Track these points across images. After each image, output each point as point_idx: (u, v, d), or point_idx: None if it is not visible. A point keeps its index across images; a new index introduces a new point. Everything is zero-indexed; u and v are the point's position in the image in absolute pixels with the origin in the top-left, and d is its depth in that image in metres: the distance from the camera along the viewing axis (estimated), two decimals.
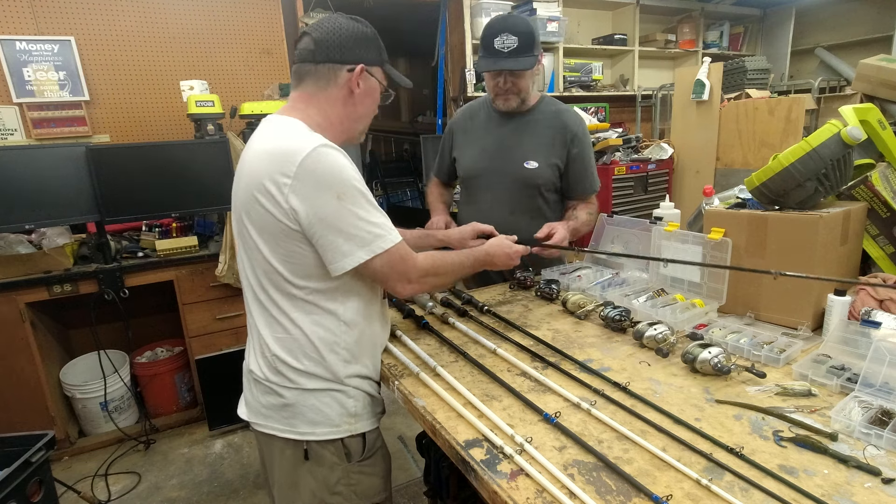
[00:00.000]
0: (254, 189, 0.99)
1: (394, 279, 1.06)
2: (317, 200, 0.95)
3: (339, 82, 1.07)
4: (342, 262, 0.99)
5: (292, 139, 0.98)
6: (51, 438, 1.82)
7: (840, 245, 1.34)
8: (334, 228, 0.97)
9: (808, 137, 1.30)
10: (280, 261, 1.02)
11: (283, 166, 0.95)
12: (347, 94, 1.08)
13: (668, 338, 1.22)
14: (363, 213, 0.99)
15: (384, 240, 1.01)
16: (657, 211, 1.83)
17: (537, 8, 3.71)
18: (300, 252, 1.00)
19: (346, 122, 1.11)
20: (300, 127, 1.02)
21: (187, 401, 2.92)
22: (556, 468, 0.82)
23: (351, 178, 0.98)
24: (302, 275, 1.03)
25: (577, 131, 1.73)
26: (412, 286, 1.10)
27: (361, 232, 0.98)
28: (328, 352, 1.07)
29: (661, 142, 3.92)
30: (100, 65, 2.86)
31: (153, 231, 2.72)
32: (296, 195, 0.95)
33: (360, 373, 1.13)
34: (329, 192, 0.95)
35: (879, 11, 4.56)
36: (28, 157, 2.29)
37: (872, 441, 0.87)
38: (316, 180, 0.95)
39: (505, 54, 1.55)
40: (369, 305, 1.14)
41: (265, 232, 1.01)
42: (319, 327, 1.06)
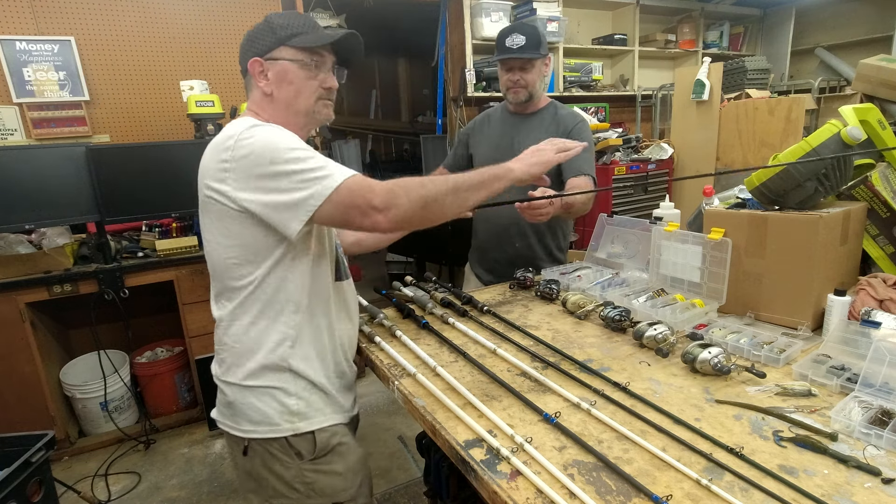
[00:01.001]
0: (203, 186, 1.02)
1: (357, 216, 0.96)
2: (252, 177, 0.95)
3: (252, 83, 1.10)
4: (291, 222, 0.96)
5: (229, 128, 1.01)
6: (51, 438, 1.81)
7: (840, 245, 1.34)
8: (275, 195, 0.95)
9: (808, 137, 1.30)
10: (229, 245, 1.02)
11: (220, 154, 0.97)
12: (264, 87, 1.09)
13: (668, 338, 1.22)
14: (298, 165, 0.95)
15: (327, 179, 0.94)
16: (657, 211, 1.83)
17: (537, 8, 3.71)
18: (247, 231, 1.00)
19: (285, 112, 1.10)
20: (245, 119, 1.03)
21: (187, 401, 2.92)
22: (556, 468, 0.82)
23: (282, 141, 0.96)
24: (248, 257, 1.02)
25: (570, 126, 1.90)
26: (385, 214, 0.96)
27: (300, 183, 0.94)
28: (266, 345, 1.06)
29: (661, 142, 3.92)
30: (100, 65, 2.86)
31: (153, 231, 2.72)
32: (235, 179, 0.96)
33: (303, 369, 1.10)
34: (262, 165, 0.94)
35: (879, 11, 4.56)
36: (28, 157, 2.29)
37: (872, 441, 0.87)
38: (248, 159, 0.95)
39: (514, 50, 1.80)
40: (315, 288, 1.10)
41: (217, 221, 1.02)
42: (261, 317, 1.06)
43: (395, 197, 0.96)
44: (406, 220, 0.99)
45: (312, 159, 0.96)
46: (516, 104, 1.93)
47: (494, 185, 1.09)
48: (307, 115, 1.12)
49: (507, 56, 1.82)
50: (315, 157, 0.97)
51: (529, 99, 1.90)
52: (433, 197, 1.01)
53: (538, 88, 1.91)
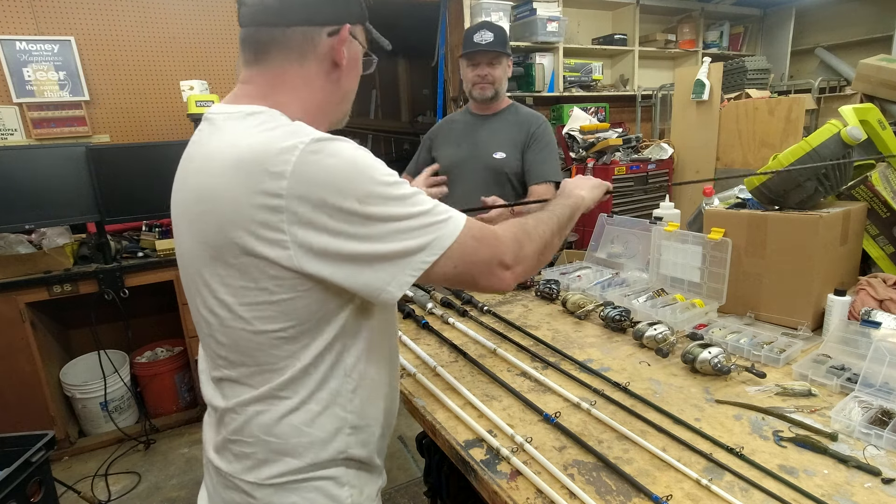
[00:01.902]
0: (219, 226, 0.66)
1: (484, 273, 0.74)
2: (331, 221, 0.64)
3: (320, 52, 0.76)
4: (390, 287, 0.68)
5: (270, 135, 0.66)
6: (51, 438, 1.81)
7: (840, 245, 1.34)
8: (368, 248, 0.66)
9: (808, 137, 1.30)
10: (270, 315, 0.70)
11: (263, 180, 0.62)
12: (330, 68, 0.78)
13: (668, 338, 1.22)
14: (403, 208, 0.67)
15: (446, 225, 0.70)
16: (657, 211, 1.83)
17: (537, 8, 3.71)
18: (303, 297, 0.69)
19: (329, 106, 0.81)
20: (277, 117, 0.71)
21: (187, 401, 2.92)
22: (556, 468, 0.82)
23: (370, 169, 0.66)
24: (301, 330, 0.72)
25: (537, 129, 1.95)
26: (515, 270, 0.76)
27: (409, 235, 0.67)
28: (319, 436, 0.76)
29: (661, 142, 3.92)
30: (100, 65, 2.86)
31: (153, 231, 2.72)
32: (298, 220, 0.63)
33: (359, 454, 0.81)
34: (347, 206, 0.64)
35: (879, 11, 4.56)
36: (28, 157, 2.29)
37: (872, 441, 0.87)
38: (322, 193, 0.63)
39: (483, 45, 1.84)
40: (380, 350, 0.82)
41: (248, 281, 0.68)
42: (310, 401, 0.75)
43: (521, 248, 0.78)
44: (528, 273, 0.80)
45: (419, 195, 0.70)
46: (482, 102, 1.96)
47: (576, 218, 0.98)
48: (339, 119, 0.87)
49: (476, 50, 1.84)
50: (418, 191, 0.71)
51: (495, 96, 1.94)
52: (548, 241, 0.85)
53: (503, 87, 1.96)
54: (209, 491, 0.87)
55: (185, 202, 0.74)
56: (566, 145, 3.73)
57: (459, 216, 0.72)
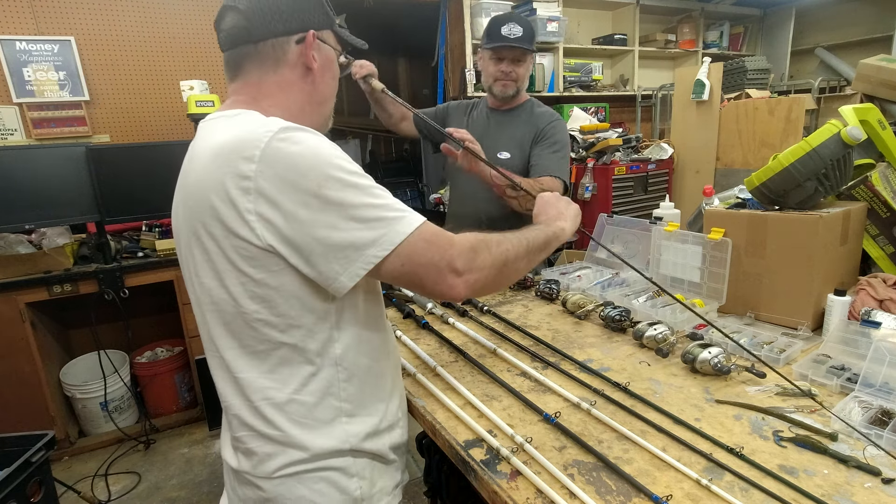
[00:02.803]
0: (205, 207, 0.71)
1: (432, 275, 0.73)
2: (290, 201, 0.68)
3: (290, 60, 0.82)
4: (342, 277, 0.71)
5: (245, 127, 0.72)
6: (51, 438, 1.82)
7: (840, 245, 1.34)
8: (322, 233, 0.69)
9: (808, 137, 1.30)
10: (251, 298, 0.74)
11: (237, 163, 0.68)
12: (303, 72, 0.84)
13: (668, 338, 1.22)
14: (361, 195, 0.70)
15: (399, 222, 0.71)
16: (657, 211, 1.83)
17: (537, 8, 3.71)
18: (276, 279, 0.72)
19: (309, 107, 0.87)
20: (255, 115, 0.77)
21: (187, 401, 2.92)
22: (556, 468, 0.82)
23: (331, 157, 0.70)
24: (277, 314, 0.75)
25: (547, 128, 1.84)
26: (465, 278, 0.75)
27: (362, 222, 0.69)
28: (316, 427, 0.79)
29: (661, 142, 3.92)
30: (100, 65, 2.86)
31: (153, 231, 2.72)
32: (263, 199, 0.68)
33: (368, 430, 0.83)
34: (305, 187, 0.67)
35: (879, 11, 4.56)
36: (28, 157, 2.29)
37: (872, 441, 0.87)
38: (285, 174, 0.67)
39: (512, 40, 1.71)
40: (374, 326, 0.85)
41: (229, 263, 0.72)
42: (302, 391, 0.78)
43: (476, 256, 0.77)
44: (484, 286, 0.80)
45: (378, 189, 0.72)
46: (502, 98, 1.85)
47: (552, 247, 0.97)
48: (322, 120, 0.91)
49: (504, 45, 1.71)
50: (380, 188, 0.73)
51: (516, 94, 1.85)
52: (512, 259, 0.83)
53: (525, 85, 1.87)
54: (229, 494, 0.90)
55: (181, 202, 0.80)
56: None
57: (415, 216, 0.73)
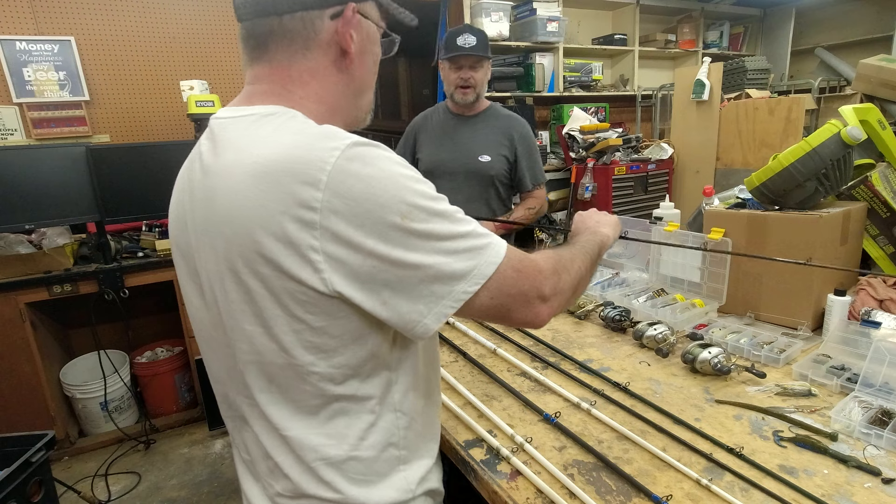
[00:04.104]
0: (246, 241, 0.58)
1: (521, 306, 0.65)
2: (367, 237, 0.55)
3: (323, 40, 0.66)
4: (426, 319, 0.60)
5: (298, 139, 0.58)
6: (51, 438, 1.81)
7: (840, 245, 1.34)
8: (406, 272, 0.57)
9: (808, 137, 1.30)
10: (306, 348, 0.61)
11: (296, 190, 0.54)
12: (338, 56, 0.68)
13: (668, 338, 1.22)
14: (445, 226, 0.59)
15: (487, 253, 0.61)
16: (657, 211, 1.83)
17: (537, 8, 3.71)
18: (341, 327, 0.61)
19: (346, 100, 0.71)
20: (298, 118, 0.63)
21: (187, 401, 2.91)
22: (556, 468, 0.82)
23: (410, 180, 0.59)
24: (343, 362, 0.63)
25: (522, 133, 2.01)
26: (550, 304, 0.67)
27: (450, 259, 0.59)
28: (376, 470, 0.69)
29: (661, 142, 3.92)
30: (100, 65, 2.86)
31: (153, 231, 2.72)
32: (332, 236, 0.55)
33: (423, 472, 0.74)
34: (386, 220, 0.56)
35: (879, 11, 4.56)
36: (28, 157, 2.29)
37: (872, 441, 0.87)
38: (361, 205, 0.55)
39: (467, 49, 1.85)
40: (431, 360, 0.76)
41: (280, 307, 0.59)
42: (364, 436, 0.67)
43: (559, 279, 0.69)
44: (562, 308, 0.71)
45: (459, 213, 0.62)
46: (464, 105, 1.96)
47: (602, 255, 0.89)
48: (362, 115, 0.76)
49: (460, 53, 1.85)
50: (457, 209, 0.63)
51: (476, 100, 1.96)
52: (584, 274, 0.76)
53: (484, 90, 1.99)
54: None
55: (203, 226, 0.64)
56: (566, 145, 3.73)
57: (499, 242, 0.64)
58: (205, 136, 0.68)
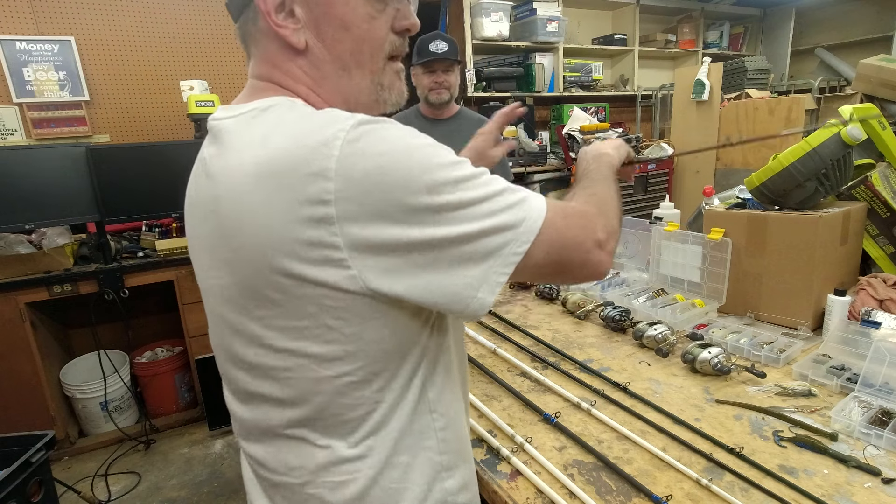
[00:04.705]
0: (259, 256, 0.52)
1: (580, 255, 0.59)
2: (394, 224, 0.50)
3: (261, 31, 0.60)
4: (479, 293, 0.54)
5: (299, 126, 0.52)
6: (51, 438, 1.81)
7: (840, 245, 1.34)
8: (448, 251, 0.52)
9: (808, 137, 1.30)
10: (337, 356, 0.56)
11: (303, 186, 0.48)
12: (290, 39, 0.59)
13: (668, 338, 1.22)
14: (476, 189, 0.53)
15: (529, 205, 0.56)
16: (657, 211, 1.83)
17: (537, 8, 3.71)
18: (376, 331, 0.55)
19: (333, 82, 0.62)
20: (298, 106, 0.57)
21: (187, 401, 2.92)
22: (556, 468, 0.82)
23: (427, 150, 0.52)
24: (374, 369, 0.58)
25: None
26: (608, 247, 0.62)
27: (492, 220, 0.53)
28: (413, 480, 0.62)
29: (661, 142, 3.92)
30: (100, 65, 2.86)
31: (153, 231, 2.72)
32: (354, 228, 0.49)
33: (462, 482, 0.68)
34: (411, 202, 0.50)
35: (879, 11, 4.56)
36: (28, 157, 2.29)
37: (872, 441, 0.87)
38: (379, 189, 0.49)
39: (439, 54, 1.97)
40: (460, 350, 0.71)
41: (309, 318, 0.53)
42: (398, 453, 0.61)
43: (608, 219, 0.64)
44: (615, 251, 0.65)
45: (482, 171, 0.56)
46: (438, 105, 2.07)
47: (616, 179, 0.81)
48: (372, 89, 0.65)
49: (432, 59, 1.97)
50: (485, 170, 0.56)
51: (449, 101, 2.08)
52: (619, 205, 0.71)
53: (455, 92, 2.10)
54: None
55: (211, 238, 0.58)
56: (566, 145, 3.73)
57: (534, 193, 0.58)
58: (206, 139, 0.63)
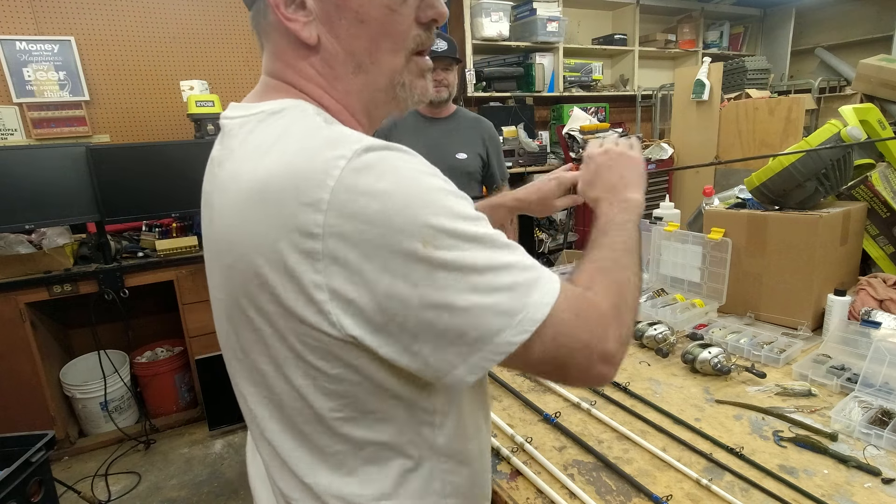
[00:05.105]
0: (247, 272, 0.48)
1: (580, 359, 0.50)
2: (381, 270, 0.44)
3: (271, 26, 0.56)
4: (458, 370, 0.48)
5: (300, 145, 0.47)
6: (51, 438, 1.81)
7: (840, 245, 1.34)
8: (431, 314, 0.45)
9: (807, 137, 1.30)
10: (326, 395, 0.51)
11: (295, 213, 0.44)
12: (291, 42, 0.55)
13: (668, 338, 1.22)
14: (481, 253, 0.46)
15: (537, 290, 0.48)
16: (657, 211, 1.83)
17: (537, 8, 3.71)
18: (360, 373, 0.50)
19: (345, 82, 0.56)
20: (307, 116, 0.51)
21: (187, 401, 2.92)
22: (556, 468, 0.82)
23: (434, 192, 0.46)
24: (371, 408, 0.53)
25: (491, 134, 2.23)
26: (615, 360, 0.52)
27: (488, 298, 0.46)
28: None
29: (661, 142, 3.92)
30: (100, 65, 2.86)
31: (153, 231, 2.72)
32: (339, 268, 0.44)
33: None
34: (403, 247, 0.44)
35: (879, 11, 4.56)
36: (28, 157, 2.29)
37: (872, 441, 0.87)
38: (371, 229, 0.43)
39: (439, 52, 2.01)
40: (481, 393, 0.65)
41: (290, 350, 0.50)
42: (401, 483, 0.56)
43: (621, 321, 0.53)
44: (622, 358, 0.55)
45: (499, 236, 0.49)
46: (436, 104, 2.12)
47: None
48: (393, 89, 0.58)
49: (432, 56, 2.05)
50: (498, 232, 0.49)
51: (448, 99, 2.12)
52: (638, 294, 0.60)
53: (454, 91, 2.14)
54: None
55: (211, 253, 0.57)
56: (566, 145, 3.73)
57: (550, 275, 0.49)
58: (218, 136, 0.60)
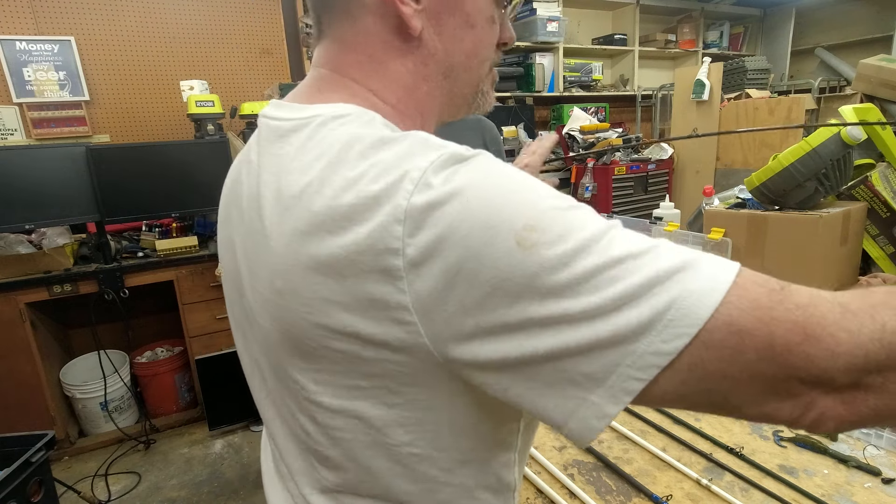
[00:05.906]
0: (312, 305, 0.39)
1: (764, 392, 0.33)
2: (487, 308, 0.34)
3: (371, 5, 0.45)
4: (580, 408, 0.35)
5: (362, 171, 0.37)
6: (51, 438, 1.81)
7: (840, 245, 1.34)
8: (547, 341, 0.34)
9: (808, 137, 1.30)
10: (403, 426, 0.43)
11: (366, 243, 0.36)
12: (390, 29, 0.46)
13: None
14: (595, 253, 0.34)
15: (696, 276, 0.33)
16: (657, 211, 1.83)
17: (537, 8, 3.71)
18: (450, 406, 0.43)
19: (430, 85, 0.49)
20: (376, 130, 0.41)
21: (187, 401, 2.92)
22: (556, 468, 0.82)
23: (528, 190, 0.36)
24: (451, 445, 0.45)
25: (492, 133, 2.19)
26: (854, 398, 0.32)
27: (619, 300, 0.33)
28: None
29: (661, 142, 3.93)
30: (100, 65, 2.86)
31: (153, 231, 2.72)
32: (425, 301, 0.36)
33: None
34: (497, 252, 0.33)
35: (879, 11, 4.56)
36: (28, 157, 2.29)
37: (872, 441, 0.87)
38: (466, 249, 0.34)
39: None
40: (531, 431, 0.55)
41: (369, 378, 0.41)
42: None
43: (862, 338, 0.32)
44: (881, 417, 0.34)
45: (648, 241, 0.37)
46: None
47: None
48: (475, 95, 0.53)
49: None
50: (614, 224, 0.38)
51: None
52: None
53: None
54: None
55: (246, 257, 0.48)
56: (566, 145, 3.73)
57: (717, 259, 0.34)
58: (258, 135, 0.49)
